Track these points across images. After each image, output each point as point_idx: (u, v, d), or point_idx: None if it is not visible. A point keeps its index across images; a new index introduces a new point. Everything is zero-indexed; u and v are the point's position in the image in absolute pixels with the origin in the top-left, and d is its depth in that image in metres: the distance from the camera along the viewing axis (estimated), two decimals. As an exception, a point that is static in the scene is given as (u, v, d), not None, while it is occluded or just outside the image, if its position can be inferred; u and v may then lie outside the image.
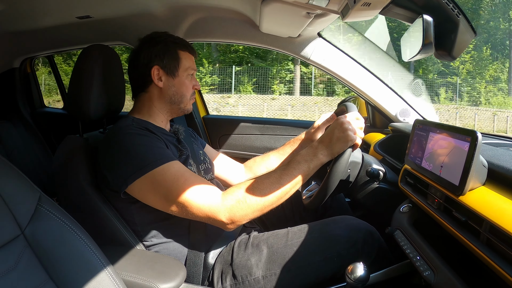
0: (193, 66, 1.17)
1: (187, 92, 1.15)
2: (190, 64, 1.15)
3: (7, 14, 1.47)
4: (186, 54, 1.15)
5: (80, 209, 1.04)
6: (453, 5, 0.78)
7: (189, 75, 1.15)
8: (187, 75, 1.15)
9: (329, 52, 1.58)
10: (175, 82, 1.13)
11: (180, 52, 1.14)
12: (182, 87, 1.14)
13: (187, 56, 1.15)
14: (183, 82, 1.14)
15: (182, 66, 1.13)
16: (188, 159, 1.10)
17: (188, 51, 1.15)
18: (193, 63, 1.17)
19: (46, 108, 2.38)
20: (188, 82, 1.15)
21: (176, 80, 1.13)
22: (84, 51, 1.15)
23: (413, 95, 1.63)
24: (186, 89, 1.15)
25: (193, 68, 1.17)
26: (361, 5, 0.86)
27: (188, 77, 1.15)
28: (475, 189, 0.76)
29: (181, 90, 1.14)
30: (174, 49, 1.13)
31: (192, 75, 1.17)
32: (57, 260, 0.75)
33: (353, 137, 0.96)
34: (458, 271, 0.73)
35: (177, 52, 1.13)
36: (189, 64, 1.15)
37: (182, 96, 1.15)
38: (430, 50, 0.82)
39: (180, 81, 1.14)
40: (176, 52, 1.13)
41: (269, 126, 2.03)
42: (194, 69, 1.17)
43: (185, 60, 1.14)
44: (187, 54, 1.15)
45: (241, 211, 0.91)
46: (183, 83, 1.14)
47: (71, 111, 1.15)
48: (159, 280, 0.88)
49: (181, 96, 1.15)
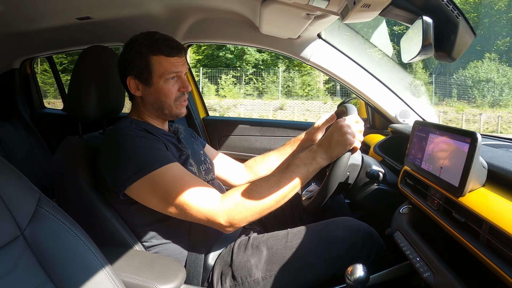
0: (172, 69, 1.06)
1: (167, 99, 1.08)
2: (166, 68, 1.05)
3: (7, 15, 1.47)
4: (160, 58, 1.05)
5: (80, 210, 1.03)
6: (453, 6, 0.79)
7: (168, 80, 1.06)
8: (165, 80, 1.06)
9: (329, 54, 1.58)
10: (151, 90, 1.07)
11: (153, 57, 1.05)
12: (160, 94, 1.07)
13: (161, 60, 1.05)
14: (160, 89, 1.07)
15: (156, 73, 1.05)
16: (188, 159, 1.10)
17: (163, 54, 1.05)
18: (173, 65, 1.06)
19: (45, 109, 2.38)
20: (168, 87, 1.07)
21: (153, 88, 1.07)
22: (84, 52, 1.16)
23: (412, 96, 1.63)
24: (165, 95, 1.07)
25: (172, 71, 1.06)
26: (361, 6, 0.86)
27: (167, 82, 1.06)
28: (474, 190, 0.76)
29: (159, 97, 1.08)
30: (146, 56, 1.05)
31: (175, 78, 1.08)
32: (57, 261, 0.75)
33: (352, 140, 0.96)
34: (457, 272, 0.73)
35: (149, 59, 1.05)
36: (164, 68, 1.05)
37: (163, 103, 1.08)
38: (429, 52, 0.82)
39: (157, 89, 1.07)
40: (147, 59, 1.05)
41: (269, 127, 2.03)
42: (174, 71, 1.06)
43: (158, 65, 1.05)
44: (161, 58, 1.05)
45: (239, 214, 0.91)
46: (161, 89, 1.07)
47: (70, 112, 1.15)
48: (159, 281, 0.88)
49: (161, 103, 1.08)
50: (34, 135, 2.24)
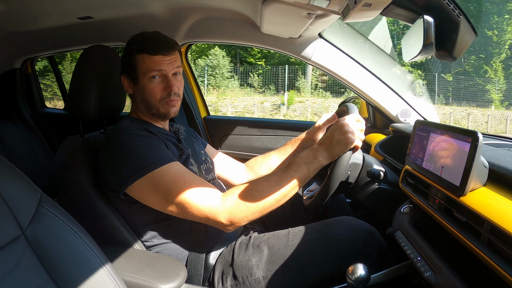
0: (155, 67, 1.05)
1: (151, 98, 1.08)
2: (148, 66, 1.05)
3: (8, 14, 1.47)
4: (144, 57, 1.05)
5: (81, 210, 1.04)
6: (454, 5, 0.78)
7: (151, 78, 1.06)
8: (148, 79, 1.06)
9: (330, 53, 1.58)
10: (138, 89, 1.09)
11: (138, 55, 1.06)
12: (145, 93, 1.08)
13: (145, 59, 1.05)
14: (145, 87, 1.07)
15: (140, 71, 1.06)
16: (189, 158, 1.10)
17: (147, 53, 1.05)
18: (156, 63, 1.05)
19: (47, 109, 2.39)
20: (152, 86, 1.07)
21: (139, 86, 1.08)
22: (85, 51, 1.16)
23: (413, 96, 1.63)
24: (149, 94, 1.07)
25: (155, 69, 1.05)
26: (362, 5, 0.86)
27: (151, 80, 1.06)
28: (476, 189, 0.75)
29: (145, 95, 1.08)
30: (132, 54, 1.07)
31: (159, 77, 1.07)
32: (58, 260, 0.75)
33: (353, 139, 0.95)
34: (459, 272, 0.73)
35: (134, 56, 1.07)
36: (147, 66, 1.05)
37: (148, 101, 1.09)
38: (431, 51, 0.82)
39: (142, 87, 1.08)
40: (133, 56, 1.07)
41: (270, 126, 2.03)
42: (156, 69, 1.06)
43: (142, 63, 1.06)
44: (145, 56, 1.05)
45: (240, 213, 0.91)
46: (145, 87, 1.07)
47: (71, 111, 1.16)
48: (160, 281, 0.88)
49: (147, 101, 1.09)
50: (35, 134, 2.24)
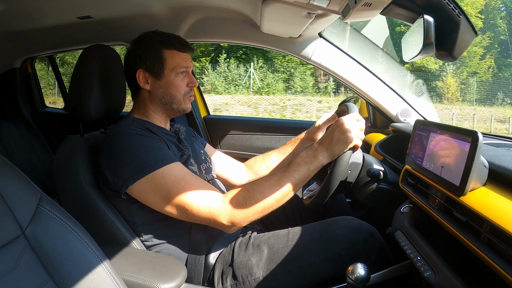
0: (183, 64, 1.10)
1: (177, 92, 1.11)
2: (178, 62, 1.09)
3: (8, 14, 1.47)
4: (173, 53, 1.09)
5: (81, 209, 1.04)
6: (454, 5, 0.78)
7: (179, 74, 1.10)
8: (175, 74, 1.09)
9: (330, 52, 1.58)
10: (162, 84, 1.10)
11: (165, 51, 1.09)
12: (170, 88, 1.10)
13: (174, 54, 1.09)
14: (171, 82, 1.10)
15: (168, 66, 1.09)
16: (189, 159, 1.10)
17: (175, 49, 1.09)
18: (184, 60, 1.10)
19: (47, 108, 2.39)
20: (178, 81, 1.10)
21: (163, 81, 1.09)
22: (85, 51, 1.15)
23: (414, 95, 1.63)
24: (175, 89, 1.10)
25: (183, 66, 1.10)
26: (362, 5, 0.86)
27: (177, 76, 1.10)
28: (475, 189, 0.76)
29: (169, 91, 1.10)
30: (158, 49, 1.08)
31: (184, 73, 1.12)
32: (58, 260, 0.75)
33: (353, 138, 0.96)
34: (458, 272, 0.73)
35: (161, 52, 1.08)
36: (176, 62, 1.09)
37: (172, 96, 1.11)
38: (431, 51, 0.82)
39: (168, 82, 1.09)
40: (160, 51, 1.08)
41: (270, 126, 2.03)
42: (185, 66, 1.10)
43: (171, 58, 1.09)
44: (174, 52, 1.09)
45: (241, 214, 0.91)
46: (171, 83, 1.10)
47: (72, 111, 1.16)
48: (160, 280, 0.88)
49: (170, 97, 1.11)
50: (35, 134, 2.24)
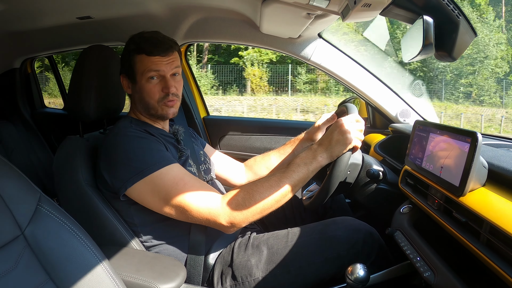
0: (153, 67, 1.04)
1: (150, 99, 1.07)
2: (146, 66, 1.04)
3: (8, 14, 1.47)
4: (142, 57, 1.05)
5: (80, 210, 1.03)
6: (454, 5, 0.78)
7: (149, 79, 1.05)
8: (146, 79, 1.05)
9: (330, 53, 1.58)
10: (137, 89, 1.08)
11: (136, 56, 1.06)
12: (143, 93, 1.07)
13: (143, 59, 1.05)
14: (142, 88, 1.07)
15: (138, 71, 1.06)
16: (188, 159, 1.10)
17: (144, 53, 1.04)
18: (154, 64, 1.04)
19: (46, 109, 2.39)
20: (149, 86, 1.06)
21: (137, 86, 1.08)
22: (84, 51, 1.16)
23: (413, 96, 1.63)
24: (147, 94, 1.07)
25: (152, 69, 1.05)
26: (362, 6, 0.86)
27: (148, 81, 1.05)
28: (475, 190, 0.76)
29: (143, 96, 1.08)
30: (131, 54, 1.07)
31: (157, 77, 1.06)
32: (57, 260, 0.75)
33: (353, 139, 0.96)
34: (458, 272, 0.73)
35: (132, 57, 1.06)
36: (144, 67, 1.04)
37: (146, 102, 1.08)
38: (430, 51, 0.82)
39: (140, 87, 1.07)
40: (131, 57, 1.07)
41: (269, 126, 2.03)
42: (154, 70, 1.05)
43: (140, 63, 1.05)
44: (143, 56, 1.05)
45: (240, 215, 0.91)
46: (143, 88, 1.06)
47: (71, 111, 1.15)
48: (159, 281, 0.88)
49: (145, 102, 1.08)
50: (34, 134, 2.24)
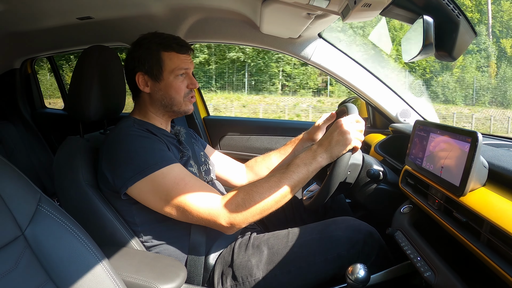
0: (182, 65, 1.09)
1: (176, 95, 1.10)
2: (177, 64, 1.09)
3: (8, 14, 1.47)
4: (171, 55, 1.08)
5: (81, 210, 1.04)
6: (454, 5, 0.79)
7: (178, 76, 1.09)
8: (175, 76, 1.09)
9: (330, 53, 1.58)
10: (161, 86, 1.09)
11: (164, 53, 1.08)
12: (170, 90, 1.09)
13: (172, 57, 1.08)
14: (170, 85, 1.09)
15: (167, 68, 1.08)
16: (189, 160, 1.10)
17: (174, 51, 1.08)
18: (183, 62, 1.10)
19: (46, 109, 2.39)
20: (177, 83, 1.09)
21: (162, 83, 1.09)
22: (84, 52, 1.15)
23: (413, 96, 1.63)
24: (175, 91, 1.10)
25: (182, 68, 1.09)
26: (362, 6, 0.86)
27: (177, 78, 1.09)
28: (475, 190, 0.75)
29: (169, 93, 1.10)
30: (156, 52, 1.08)
31: (184, 75, 1.11)
32: (57, 260, 0.75)
33: (352, 140, 0.95)
34: (458, 272, 0.73)
35: (160, 54, 1.08)
36: (175, 64, 1.08)
37: (172, 99, 1.10)
38: (430, 51, 0.82)
39: (167, 84, 1.09)
40: (158, 54, 1.08)
41: (270, 127, 2.03)
42: (184, 68, 1.10)
43: (169, 61, 1.08)
44: (172, 54, 1.08)
45: (240, 215, 0.91)
46: (171, 85, 1.09)
47: (71, 111, 1.15)
48: (160, 281, 0.88)
49: (170, 99, 1.10)
50: (35, 134, 2.24)
